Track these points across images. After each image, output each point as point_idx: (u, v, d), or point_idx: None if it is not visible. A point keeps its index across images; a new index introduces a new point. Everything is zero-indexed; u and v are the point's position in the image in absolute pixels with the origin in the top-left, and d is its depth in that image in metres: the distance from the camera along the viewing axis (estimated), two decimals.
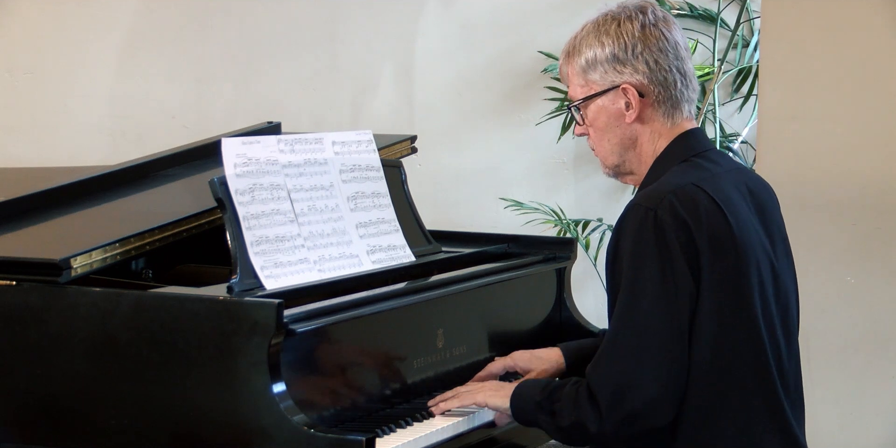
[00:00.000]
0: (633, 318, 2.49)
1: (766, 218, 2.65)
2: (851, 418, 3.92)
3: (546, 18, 5.19)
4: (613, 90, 2.64)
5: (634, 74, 2.62)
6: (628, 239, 2.51)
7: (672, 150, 2.64)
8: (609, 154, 2.69)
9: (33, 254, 2.74)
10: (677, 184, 2.54)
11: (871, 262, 3.86)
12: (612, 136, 2.66)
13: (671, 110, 2.65)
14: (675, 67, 2.63)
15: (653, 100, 2.63)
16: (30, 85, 5.56)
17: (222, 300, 2.59)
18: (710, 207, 2.52)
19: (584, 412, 2.52)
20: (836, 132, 3.85)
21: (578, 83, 2.68)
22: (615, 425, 2.49)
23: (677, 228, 2.48)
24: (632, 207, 2.54)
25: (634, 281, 2.49)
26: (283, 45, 5.38)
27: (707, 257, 2.49)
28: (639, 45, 2.61)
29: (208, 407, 2.55)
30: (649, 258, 2.48)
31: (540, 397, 2.62)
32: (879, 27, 3.79)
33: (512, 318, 3.28)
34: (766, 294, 2.56)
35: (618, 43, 2.62)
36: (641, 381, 2.47)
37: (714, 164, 2.64)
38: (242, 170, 2.82)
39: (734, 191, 2.60)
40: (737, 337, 2.51)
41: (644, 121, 2.65)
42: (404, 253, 3.11)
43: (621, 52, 2.62)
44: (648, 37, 2.62)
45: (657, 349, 2.47)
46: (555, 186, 5.22)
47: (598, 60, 2.63)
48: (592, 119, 2.67)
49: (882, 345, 3.88)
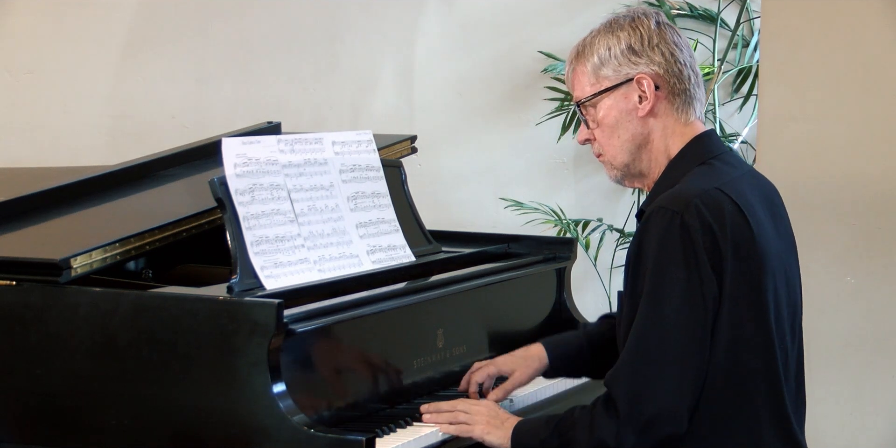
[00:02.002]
0: (656, 324, 2.46)
1: (779, 224, 2.63)
2: (852, 418, 3.92)
3: (546, 18, 5.18)
4: (626, 84, 2.60)
5: (650, 65, 2.59)
6: (653, 243, 2.47)
7: (689, 151, 2.61)
8: (619, 152, 2.63)
9: (33, 254, 2.74)
10: (702, 188, 2.50)
11: (871, 262, 3.86)
12: (622, 133, 2.62)
13: (684, 106, 2.62)
14: (688, 63, 2.62)
15: (667, 92, 2.60)
16: (30, 85, 5.56)
17: (222, 300, 2.59)
18: (734, 213, 2.49)
19: (602, 427, 2.48)
20: (836, 132, 3.85)
21: (589, 82, 2.64)
22: (634, 433, 2.46)
23: (703, 234, 2.45)
24: (657, 210, 2.49)
25: (658, 286, 2.46)
26: (283, 45, 5.38)
27: (730, 263, 2.46)
28: (655, 37, 2.60)
29: (208, 407, 2.55)
30: (674, 264, 2.45)
31: (545, 434, 2.56)
32: (879, 27, 3.79)
33: (512, 318, 3.28)
34: (779, 300, 2.55)
35: (634, 35, 2.60)
36: (661, 387, 2.45)
37: (731, 167, 2.61)
38: (242, 170, 2.82)
39: (752, 195, 2.57)
40: (751, 343, 2.50)
41: (657, 115, 2.61)
42: (404, 253, 3.11)
43: (637, 43, 2.59)
44: (663, 31, 2.61)
45: (679, 356, 2.45)
46: (555, 186, 5.22)
47: (613, 55, 2.60)
48: (602, 117, 2.63)
49: (882, 345, 3.88)
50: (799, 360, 2.64)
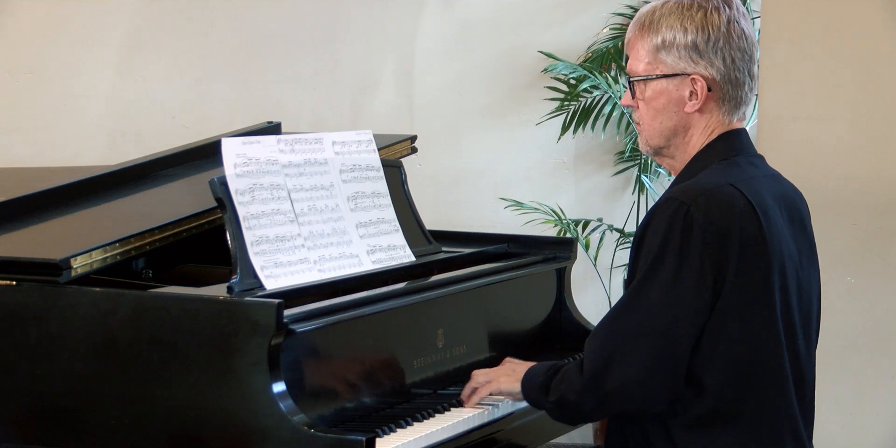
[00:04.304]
0: (639, 302, 2.50)
1: (798, 227, 2.63)
2: (852, 418, 3.92)
3: (546, 18, 5.19)
4: (681, 77, 2.58)
5: (709, 68, 2.57)
6: (656, 228, 2.50)
7: (715, 146, 2.61)
8: (656, 135, 2.63)
9: (33, 254, 2.74)
10: (716, 183, 2.52)
11: (871, 262, 3.87)
12: (665, 120, 2.61)
13: (732, 109, 2.61)
14: (747, 69, 2.59)
15: (719, 96, 2.59)
16: (30, 85, 5.56)
17: (222, 300, 2.59)
18: (745, 209, 2.50)
19: (568, 385, 2.56)
20: (836, 132, 3.85)
21: (645, 59, 2.60)
22: (594, 400, 2.53)
23: (707, 229, 2.46)
24: (667, 199, 2.52)
25: (651, 270, 2.49)
26: (283, 45, 5.38)
27: (735, 259, 2.47)
28: (721, 40, 2.56)
29: (208, 407, 2.55)
30: (670, 252, 2.47)
31: (542, 378, 2.64)
32: (879, 27, 3.80)
33: (512, 318, 3.28)
34: (788, 300, 2.55)
35: (702, 33, 2.56)
36: (623, 362, 2.49)
37: (754, 167, 2.62)
38: (242, 170, 2.82)
39: (769, 196, 2.57)
40: (757, 341, 2.51)
41: (703, 112, 2.60)
42: (404, 253, 3.11)
43: (703, 42, 2.56)
44: (732, 33, 2.56)
45: (650, 338, 2.47)
46: (555, 186, 5.22)
47: (676, 45, 2.56)
48: (650, 97, 2.61)
49: (882, 345, 3.89)
50: (812, 366, 2.64)
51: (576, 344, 3.37)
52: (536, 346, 3.32)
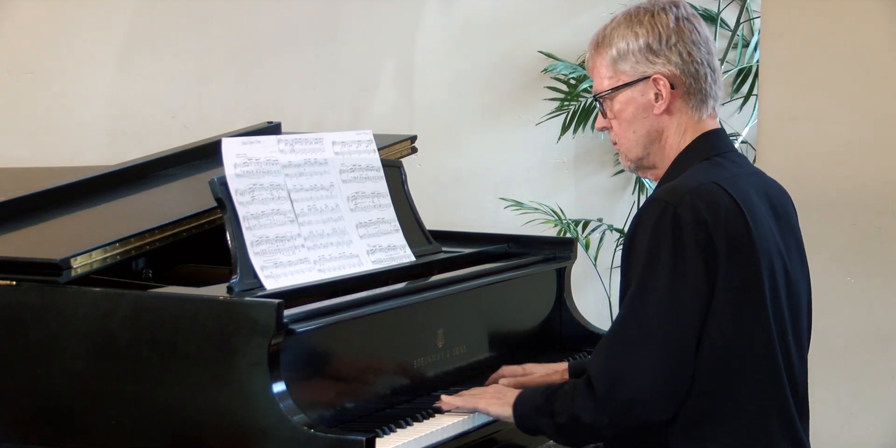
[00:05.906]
0: (639, 310, 2.50)
1: (783, 224, 2.64)
2: (852, 418, 3.92)
3: (546, 18, 5.19)
4: (643, 81, 2.61)
5: (667, 65, 2.60)
6: (645, 232, 2.51)
7: (695, 147, 2.63)
8: (633, 146, 2.66)
9: (33, 254, 2.74)
10: (699, 182, 2.53)
11: (871, 262, 3.86)
12: (638, 128, 2.64)
13: (699, 104, 2.63)
14: (706, 61, 2.62)
15: (683, 92, 2.61)
16: (30, 85, 5.56)
17: (222, 300, 2.59)
18: (730, 207, 2.51)
19: (580, 403, 2.53)
20: (836, 132, 3.85)
21: (606, 75, 2.65)
22: (611, 415, 2.50)
23: (695, 227, 2.47)
24: (652, 201, 2.53)
25: (646, 275, 2.49)
26: (283, 45, 5.38)
27: (724, 257, 2.48)
28: (673, 37, 2.60)
29: (208, 407, 2.55)
30: (663, 254, 2.48)
31: (540, 401, 2.63)
32: (879, 27, 3.80)
33: (512, 318, 3.28)
34: (778, 298, 2.56)
35: (652, 33, 2.60)
36: (637, 371, 2.48)
37: (736, 165, 2.63)
38: (242, 170, 2.82)
39: (754, 193, 2.59)
40: (748, 340, 2.51)
41: (672, 113, 2.63)
42: (404, 253, 3.11)
43: (655, 42, 2.60)
44: (682, 29, 2.61)
45: (657, 343, 2.47)
46: (555, 186, 5.22)
47: (631, 51, 2.61)
48: (619, 110, 2.65)
49: (882, 345, 3.88)
50: (804, 364, 2.64)
51: (576, 344, 3.38)
52: (536, 346, 3.32)
